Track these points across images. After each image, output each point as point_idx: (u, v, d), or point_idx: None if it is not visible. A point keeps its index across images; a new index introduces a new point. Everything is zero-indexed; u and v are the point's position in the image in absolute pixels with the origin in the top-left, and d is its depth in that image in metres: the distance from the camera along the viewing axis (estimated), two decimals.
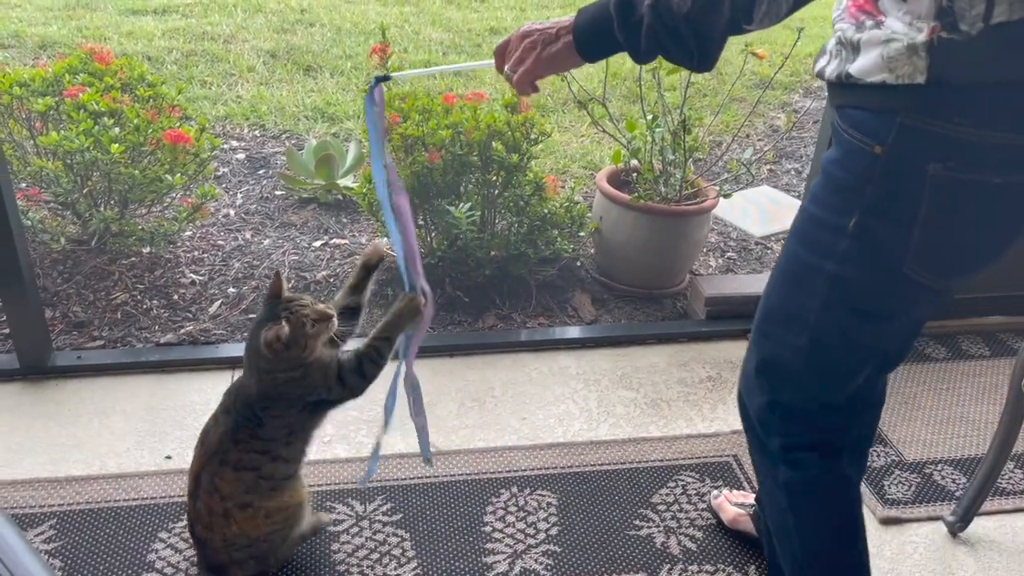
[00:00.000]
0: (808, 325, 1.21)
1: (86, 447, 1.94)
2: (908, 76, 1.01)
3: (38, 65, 3.95)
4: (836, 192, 1.14)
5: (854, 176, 1.10)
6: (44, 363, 2.14)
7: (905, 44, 1.00)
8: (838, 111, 1.14)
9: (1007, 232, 1.12)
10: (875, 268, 1.13)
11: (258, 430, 1.50)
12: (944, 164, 1.03)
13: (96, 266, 2.57)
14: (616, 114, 3.81)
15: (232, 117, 3.77)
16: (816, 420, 1.30)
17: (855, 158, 1.10)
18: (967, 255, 1.12)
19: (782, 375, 1.28)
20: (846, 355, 1.23)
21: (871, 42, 1.04)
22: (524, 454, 1.98)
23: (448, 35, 5.10)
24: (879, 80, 1.03)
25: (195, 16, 5.20)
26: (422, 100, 2.54)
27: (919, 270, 1.11)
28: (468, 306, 2.54)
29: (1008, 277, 2.53)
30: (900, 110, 1.03)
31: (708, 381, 2.28)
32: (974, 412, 2.19)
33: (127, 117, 2.44)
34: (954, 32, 0.97)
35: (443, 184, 2.46)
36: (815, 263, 1.18)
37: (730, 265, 2.91)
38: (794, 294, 1.23)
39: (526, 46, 1.19)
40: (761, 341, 1.31)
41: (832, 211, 1.15)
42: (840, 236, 1.13)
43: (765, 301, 1.30)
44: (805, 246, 1.20)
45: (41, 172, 2.45)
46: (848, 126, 1.10)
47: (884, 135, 1.05)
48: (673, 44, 1.06)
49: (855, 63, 1.06)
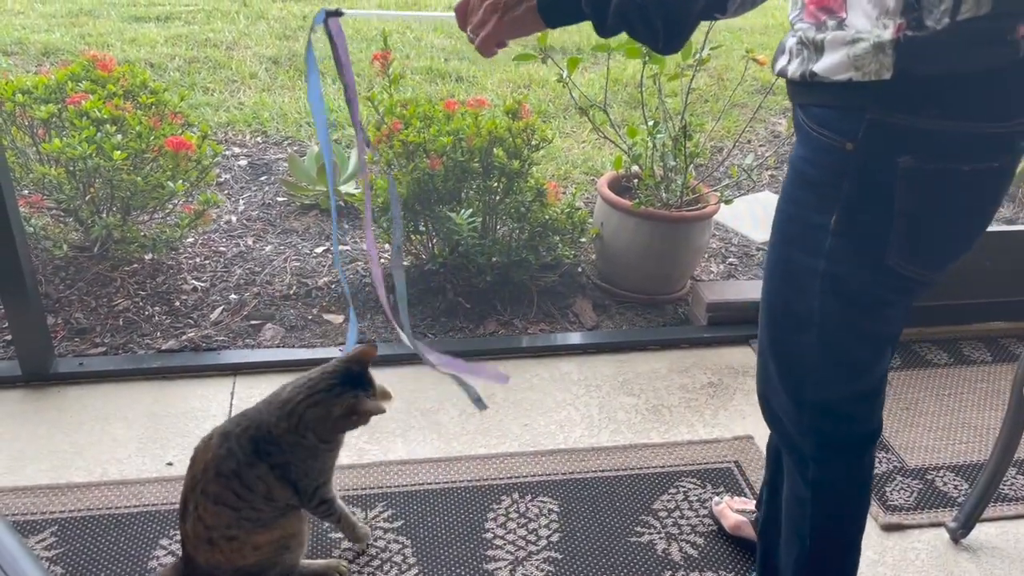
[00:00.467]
0: (815, 323, 1.22)
1: (88, 454, 1.94)
2: (875, 73, 1.02)
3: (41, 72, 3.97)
4: (811, 190, 1.16)
5: (828, 173, 1.12)
6: (46, 370, 2.15)
7: (872, 43, 1.01)
8: (802, 109, 1.15)
9: (979, 219, 1.14)
10: (863, 262, 1.15)
11: (243, 471, 1.45)
12: (914, 156, 1.05)
13: (98, 272, 2.58)
14: (617, 120, 3.82)
15: (234, 123, 3.78)
16: (847, 412, 1.31)
17: (826, 155, 1.11)
18: (945, 245, 1.14)
19: (804, 374, 1.28)
20: (861, 345, 1.24)
21: (836, 42, 1.05)
22: (525, 460, 1.98)
23: (450, 41, 5.11)
24: (845, 78, 1.04)
25: (197, 23, 5.22)
26: (423, 107, 2.55)
27: (901, 263, 1.13)
28: (469, 312, 2.55)
29: (1010, 282, 2.53)
30: (867, 106, 1.05)
31: (709, 387, 2.28)
32: (976, 418, 2.19)
33: (129, 124, 2.44)
34: (920, 29, 0.99)
35: (444, 190, 2.47)
36: (807, 263, 1.19)
37: (731, 271, 2.91)
38: (794, 295, 1.23)
39: (487, 7, 1.18)
40: (774, 344, 1.31)
41: (811, 209, 1.16)
42: (824, 234, 1.14)
43: (767, 305, 1.30)
44: (792, 247, 1.21)
45: (44, 179, 2.46)
46: (816, 124, 1.12)
47: (854, 131, 1.07)
48: (640, 23, 1.06)
49: (819, 62, 1.07)
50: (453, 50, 4.97)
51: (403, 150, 2.46)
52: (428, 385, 2.23)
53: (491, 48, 1.21)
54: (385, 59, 2.55)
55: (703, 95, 4.37)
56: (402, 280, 1.55)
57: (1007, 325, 2.55)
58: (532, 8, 1.15)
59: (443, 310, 2.54)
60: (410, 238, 2.61)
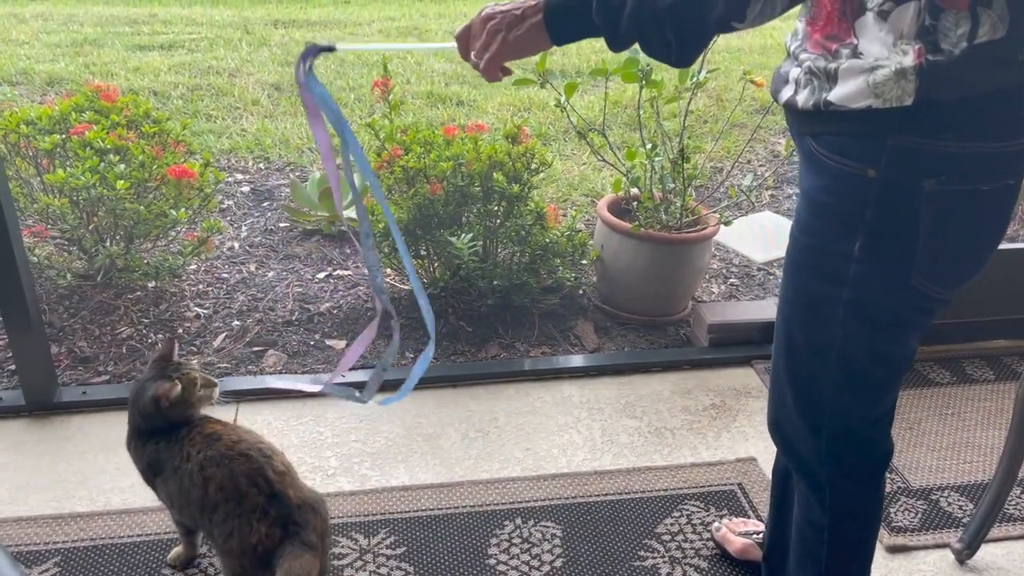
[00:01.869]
0: (836, 350, 1.22)
1: (91, 483, 1.95)
2: (896, 99, 1.03)
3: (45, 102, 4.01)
4: (829, 219, 1.15)
5: (849, 200, 1.11)
6: (50, 399, 2.15)
7: (893, 70, 1.02)
8: (815, 139, 1.14)
9: (996, 235, 1.16)
10: (888, 285, 1.15)
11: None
12: (938, 179, 1.05)
13: (102, 301, 2.59)
14: (616, 142, 3.84)
15: (237, 150, 3.81)
16: (865, 436, 1.31)
17: (846, 183, 1.11)
18: (967, 262, 1.16)
19: (823, 402, 1.28)
20: (881, 369, 1.24)
21: (852, 70, 1.05)
22: (528, 485, 1.98)
23: (451, 66, 5.15)
24: (864, 106, 1.05)
25: (201, 51, 5.27)
26: (424, 133, 2.57)
27: (925, 282, 1.13)
28: (471, 336, 2.55)
29: (1011, 299, 2.53)
30: (888, 132, 1.05)
31: (712, 409, 2.28)
32: (980, 437, 2.18)
33: (132, 154, 2.47)
34: (938, 53, 1.00)
35: (445, 215, 2.48)
36: (829, 292, 1.18)
37: (733, 292, 2.92)
38: (814, 324, 1.23)
39: (490, 30, 1.16)
40: (792, 373, 1.31)
41: (831, 238, 1.16)
42: (847, 261, 1.14)
43: (785, 335, 1.29)
44: (810, 277, 1.21)
45: (47, 209, 2.48)
46: (831, 152, 1.12)
47: (876, 157, 1.07)
48: (654, 33, 1.04)
49: (834, 91, 1.07)
50: (454, 75, 5.00)
51: (404, 176, 2.48)
52: (429, 410, 2.23)
53: (496, 72, 1.20)
54: (385, 86, 2.57)
55: (702, 116, 4.40)
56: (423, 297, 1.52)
57: (1009, 343, 2.55)
58: (538, 24, 1.12)
59: (445, 334, 2.55)
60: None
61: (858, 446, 1.31)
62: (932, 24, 0.99)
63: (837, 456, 1.31)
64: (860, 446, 1.31)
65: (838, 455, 1.31)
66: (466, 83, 4.86)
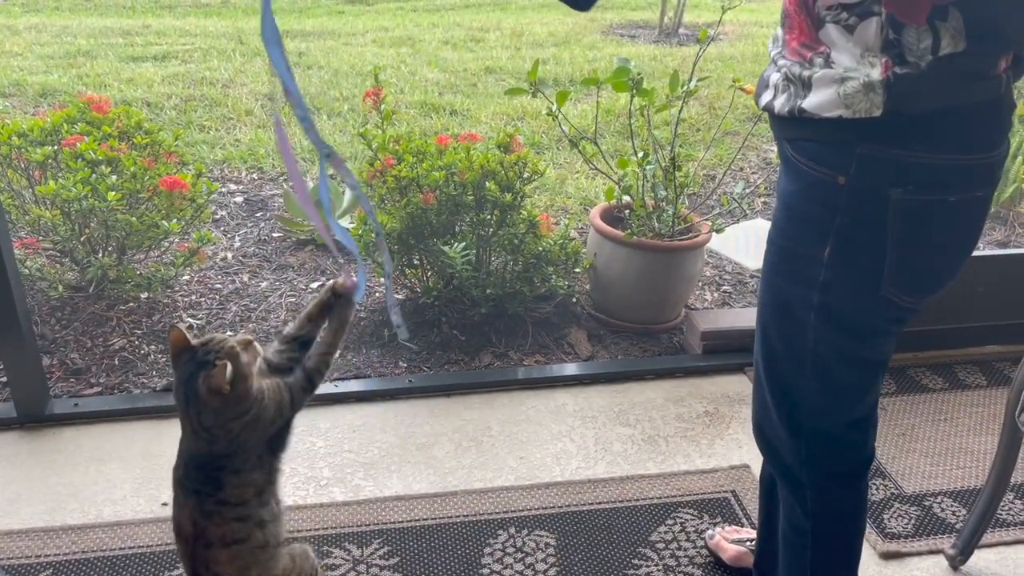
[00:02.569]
0: (810, 353, 1.23)
1: (83, 495, 1.94)
2: (865, 111, 1.04)
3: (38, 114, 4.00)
4: (802, 223, 1.17)
5: (820, 206, 1.13)
6: (41, 411, 2.15)
7: (861, 82, 1.04)
8: (790, 144, 1.17)
9: (967, 246, 1.17)
10: (858, 293, 1.16)
11: (221, 495, 1.37)
12: (904, 188, 1.07)
13: (94, 312, 2.59)
14: (609, 150, 3.85)
15: (230, 161, 3.81)
16: (843, 439, 1.32)
17: (818, 189, 1.13)
18: (936, 273, 1.17)
19: (801, 405, 1.29)
20: (855, 373, 1.25)
21: (824, 80, 1.07)
22: (522, 494, 1.98)
23: (444, 75, 5.17)
24: (835, 115, 1.07)
25: (194, 62, 5.28)
26: (416, 142, 2.57)
27: (896, 292, 1.15)
28: (465, 345, 2.55)
29: (1003, 305, 2.54)
30: (858, 141, 1.07)
31: (705, 416, 2.28)
32: (972, 443, 2.18)
33: (124, 165, 2.47)
34: (905, 66, 1.02)
35: (438, 224, 2.49)
36: (801, 295, 1.20)
37: (725, 299, 2.92)
38: (789, 327, 1.24)
39: None
40: (770, 376, 1.32)
41: (803, 243, 1.17)
42: (817, 266, 1.16)
43: (763, 337, 1.31)
44: (785, 279, 1.23)
45: (39, 221, 2.48)
46: (806, 158, 1.14)
47: (845, 165, 1.09)
48: None
49: (808, 99, 1.09)
50: (447, 84, 5.02)
51: (396, 185, 2.48)
52: (423, 420, 2.23)
53: None
54: (377, 96, 2.58)
55: (694, 124, 4.41)
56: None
57: (1001, 348, 2.56)
58: None
59: (438, 343, 2.55)
60: (404, 272, 2.62)
61: (837, 449, 1.32)
62: (896, 38, 1.01)
63: (817, 459, 1.32)
64: (839, 449, 1.32)
65: (817, 458, 1.32)
66: (459, 92, 4.87)
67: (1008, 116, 1.11)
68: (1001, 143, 1.10)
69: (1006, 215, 3.44)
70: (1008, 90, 1.08)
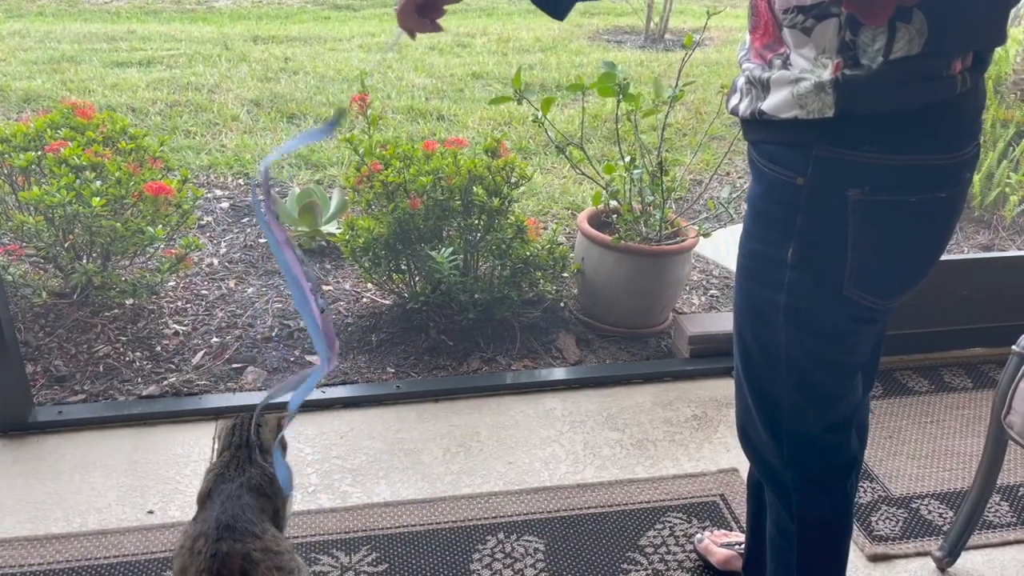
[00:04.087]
0: (783, 356, 1.23)
1: (67, 504, 1.92)
2: (818, 111, 1.05)
3: (21, 119, 3.97)
4: (768, 226, 1.18)
5: (782, 208, 1.14)
6: (25, 419, 2.12)
7: (813, 83, 1.05)
8: (754, 146, 1.19)
9: (931, 247, 1.17)
10: (821, 294, 1.17)
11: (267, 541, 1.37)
12: (862, 189, 1.08)
13: (78, 319, 2.56)
14: (596, 155, 3.85)
15: (216, 166, 3.79)
16: (824, 442, 1.32)
17: (779, 191, 1.14)
18: (899, 274, 1.17)
19: (779, 407, 1.30)
20: (829, 375, 1.25)
21: (780, 81, 1.09)
22: (510, 499, 1.97)
23: (431, 80, 5.16)
24: (791, 116, 1.08)
25: (179, 67, 5.25)
26: (403, 147, 2.57)
27: (858, 292, 1.15)
28: (453, 350, 2.54)
29: (987, 308, 2.56)
30: (814, 143, 1.08)
31: (694, 420, 2.28)
32: (959, 445, 2.19)
33: (109, 170, 2.45)
34: (856, 68, 1.03)
35: (425, 229, 2.48)
36: (768, 297, 1.21)
37: (713, 303, 2.93)
38: (761, 329, 1.25)
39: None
40: (749, 378, 1.32)
41: (769, 244, 1.18)
42: (782, 268, 1.16)
43: (739, 340, 1.32)
44: (755, 282, 1.23)
45: (22, 227, 2.46)
46: (767, 160, 1.15)
47: (803, 167, 1.10)
48: None
49: (766, 101, 1.11)
50: (434, 89, 5.01)
51: (383, 190, 2.47)
52: (411, 425, 2.22)
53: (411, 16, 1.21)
54: (363, 101, 2.57)
55: (681, 129, 4.42)
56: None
57: (986, 351, 2.58)
58: None
59: (426, 348, 2.54)
60: (392, 277, 2.61)
61: (818, 452, 1.32)
62: (852, 39, 1.02)
63: (799, 462, 1.32)
64: (820, 452, 1.32)
65: (800, 461, 1.32)
66: (446, 98, 4.87)
67: (972, 117, 1.11)
68: (965, 144, 1.10)
69: (990, 219, 3.47)
70: (971, 91, 1.08)
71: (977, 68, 1.08)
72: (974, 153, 1.13)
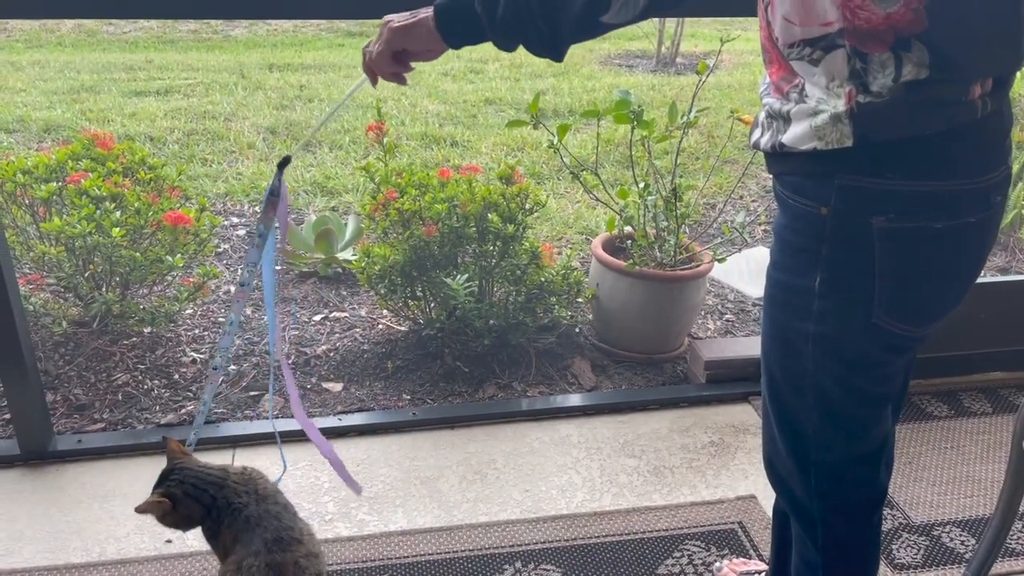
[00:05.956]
0: (811, 386, 1.23)
1: (86, 533, 1.93)
2: (837, 141, 1.06)
3: (42, 149, 4.03)
4: (794, 255, 1.18)
5: (807, 238, 1.14)
6: (45, 448, 2.14)
7: (830, 114, 1.06)
8: (777, 179, 1.19)
9: (962, 272, 1.16)
10: (850, 322, 1.16)
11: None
12: (886, 216, 1.08)
13: (97, 347, 2.59)
14: (609, 180, 3.87)
15: (233, 194, 3.83)
16: (852, 474, 1.31)
17: (804, 221, 1.14)
18: (930, 301, 1.16)
19: (806, 437, 1.29)
20: (858, 405, 1.24)
21: (800, 114, 1.09)
22: (527, 527, 1.96)
23: (444, 107, 5.21)
24: (811, 148, 1.08)
25: (196, 95, 5.33)
26: (418, 175, 2.59)
27: (888, 319, 1.14)
28: (468, 376, 2.55)
29: (1006, 331, 2.54)
30: (836, 172, 1.08)
31: (711, 446, 2.27)
32: (980, 471, 2.17)
33: (128, 200, 2.48)
34: (868, 94, 1.03)
35: (440, 256, 2.49)
36: (796, 326, 1.20)
37: (729, 327, 2.92)
38: (789, 358, 1.24)
39: (383, 23, 1.20)
40: (776, 408, 1.32)
41: (795, 274, 1.18)
42: (810, 296, 1.16)
43: (767, 370, 1.31)
44: (782, 311, 1.23)
45: (43, 257, 2.49)
46: (791, 192, 1.15)
47: (827, 197, 1.10)
48: (529, 23, 1.08)
49: (787, 133, 1.11)
50: (448, 115, 5.06)
51: (399, 218, 2.49)
52: (427, 453, 2.22)
53: (384, 64, 1.22)
54: (379, 130, 2.60)
55: (694, 153, 4.44)
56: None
57: (1006, 375, 2.55)
58: (427, 16, 1.16)
59: (442, 375, 2.55)
60: (407, 304, 2.62)
61: (847, 484, 1.31)
62: (863, 67, 1.03)
63: (827, 494, 1.31)
64: (849, 484, 1.31)
65: (827, 493, 1.31)
66: (460, 124, 4.91)
67: (1000, 140, 1.10)
68: (993, 168, 1.09)
69: (1007, 241, 3.45)
70: (993, 114, 1.07)
71: (998, 91, 1.08)
72: (1004, 176, 1.12)
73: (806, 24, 1.04)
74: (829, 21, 1.02)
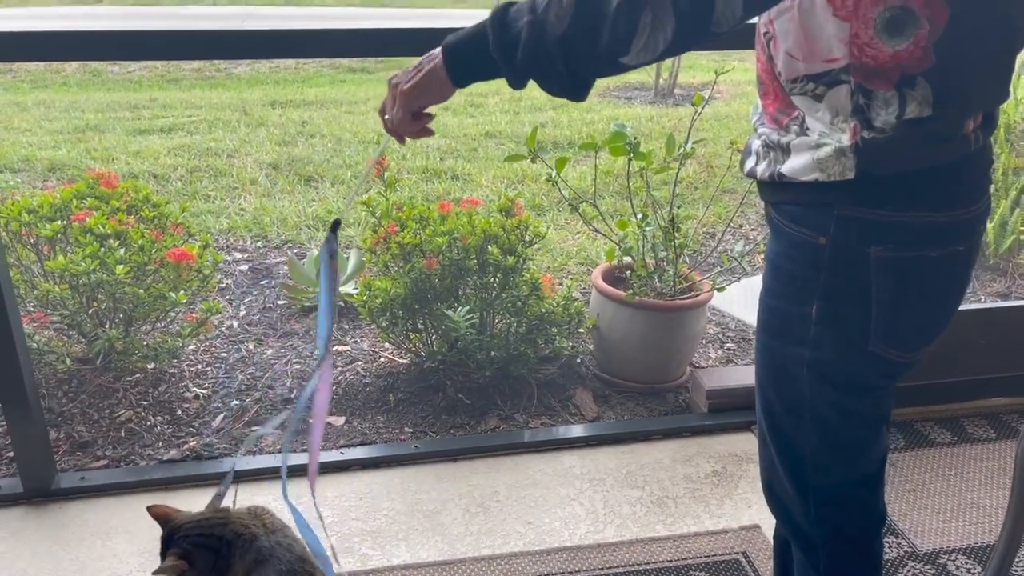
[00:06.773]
0: (807, 410, 1.23)
1: (89, 570, 1.92)
2: (839, 174, 1.08)
3: (47, 188, 4.08)
4: (790, 283, 1.19)
5: (804, 266, 1.16)
6: (48, 485, 2.14)
7: (833, 148, 1.08)
8: (774, 207, 1.21)
9: (951, 298, 1.18)
10: (846, 349, 1.17)
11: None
12: (884, 246, 1.09)
13: (100, 384, 2.60)
14: (608, 211, 3.90)
15: (235, 229, 3.86)
16: (852, 497, 1.31)
17: (801, 250, 1.15)
18: (923, 326, 1.18)
19: (804, 461, 1.29)
20: (855, 428, 1.25)
21: (801, 146, 1.11)
22: (531, 560, 1.96)
23: (445, 141, 5.26)
24: (812, 179, 1.10)
25: (200, 133, 5.39)
26: (419, 208, 2.61)
27: (883, 347, 1.16)
28: (470, 408, 2.55)
29: (1007, 357, 2.54)
30: (835, 203, 1.10)
31: (714, 476, 2.26)
32: (984, 497, 2.16)
33: (132, 238, 2.51)
34: (871, 130, 1.05)
35: (441, 288, 2.51)
36: (792, 352, 1.21)
37: (730, 356, 2.93)
38: (785, 384, 1.25)
39: (391, 87, 1.18)
40: (774, 434, 1.32)
41: (791, 301, 1.19)
42: (806, 323, 1.17)
43: (762, 395, 1.32)
44: (777, 338, 1.24)
45: (48, 295, 2.51)
46: (788, 220, 1.17)
47: (826, 226, 1.11)
48: (548, 65, 1.03)
49: (786, 164, 1.13)
50: (448, 149, 5.10)
51: (400, 251, 2.51)
52: (429, 486, 2.22)
53: (406, 126, 1.20)
54: (381, 165, 2.63)
55: (692, 183, 4.47)
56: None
57: (1008, 401, 2.55)
58: (437, 66, 1.12)
59: (443, 407, 2.55)
60: (409, 337, 2.64)
61: (846, 508, 1.31)
62: (866, 103, 1.05)
63: (826, 518, 1.31)
64: (848, 508, 1.31)
65: (827, 517, 1.31)
66: (460, 157, 4.95)
67: (984, 172, 1.14)
68: (978, 199, 1.13)
69: (1006, 266, 3.46)
70: (983, 147, 1.11)
71: (987, 126, 1.11)
72: (987, 206, 1.15)
73: (810, 60, 1.06)
74: (834, 57, 1.04)
